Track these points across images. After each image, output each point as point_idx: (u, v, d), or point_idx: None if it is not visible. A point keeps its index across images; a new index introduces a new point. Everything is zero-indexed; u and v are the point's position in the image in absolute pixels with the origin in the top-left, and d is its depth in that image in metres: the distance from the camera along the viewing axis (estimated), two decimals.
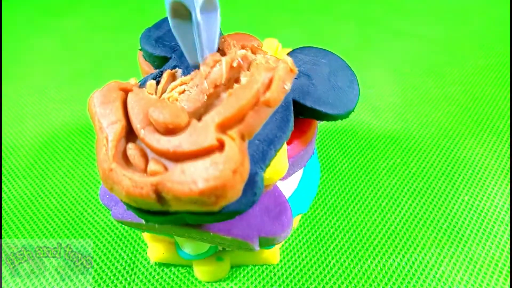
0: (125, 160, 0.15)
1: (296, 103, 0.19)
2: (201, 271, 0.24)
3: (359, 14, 0.61)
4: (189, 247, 0.23)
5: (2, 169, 0.34)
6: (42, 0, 0.70)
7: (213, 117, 0.15)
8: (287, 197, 0.24)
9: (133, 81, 0.19)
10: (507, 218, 0.28)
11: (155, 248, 0.25)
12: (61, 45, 0.56)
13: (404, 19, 0.58)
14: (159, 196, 0.14)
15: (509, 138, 0.35)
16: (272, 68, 0.16)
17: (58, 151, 0.36)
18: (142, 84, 0.19)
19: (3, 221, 0.29)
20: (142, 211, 0.16)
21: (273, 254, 0.25)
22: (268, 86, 0.16)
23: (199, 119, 0.16)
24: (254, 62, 0.17)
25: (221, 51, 0.19)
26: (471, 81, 0.43)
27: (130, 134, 0.16)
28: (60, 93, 0.45)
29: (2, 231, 0.29)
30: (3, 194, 0.32)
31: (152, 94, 0.17)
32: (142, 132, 0.15)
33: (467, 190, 0.30)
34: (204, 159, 0.14)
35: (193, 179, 0.13)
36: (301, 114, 0.20)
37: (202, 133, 0.14)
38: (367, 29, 0.56)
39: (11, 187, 0.32)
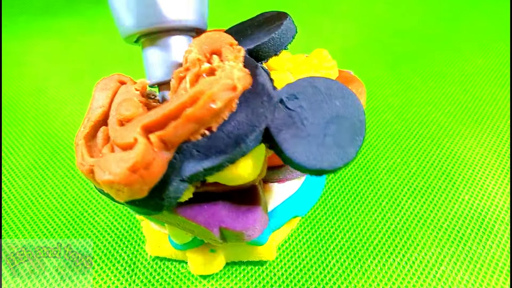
0: (95, 139, 0.18)
1: (268, 133, 0.17)
2: (193, 263, 0.24)
3: (359, 13, 0.61)
4: (175, 237, 0.23)
5: (2, 169, 0.34)
6: (42, 0, 0.70)
7: (143, 118, 0.16)
8: (284, 199, 0.24)
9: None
10: (507, 217, 0.28)
11: (153, 241, 0.25)
12: (61, 45, 0.56)
13: (404, 19, 0.58)
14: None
15: (509, 138, 0.35)
16: (215, 82, 0.15)
17: (58, 151, 0.36)
18: None
19: (3, 221, 0.29)
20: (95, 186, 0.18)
21: (267, 250, 0.25)
22: (196, 100, 0.15)
23: None
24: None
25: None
26: (471, 80, 0.43)
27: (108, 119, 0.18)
28: (60, 93, 0.45)
29: (2, 231, 0.29)
30: (3, 194, 0.32)
31: (137, 90, 0.18)
32: (110, 118, 0.17)
33: (467, 190, 0.30)
34: (121, 153, 0.15)
35: (106, 168, 0.15)
36: (272, 148, 0.17)
37: (130, 130, 0.15)
38: (367, 28, 0.56)
39: (11, 187, 0.32)
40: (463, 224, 0.28)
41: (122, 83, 0.19)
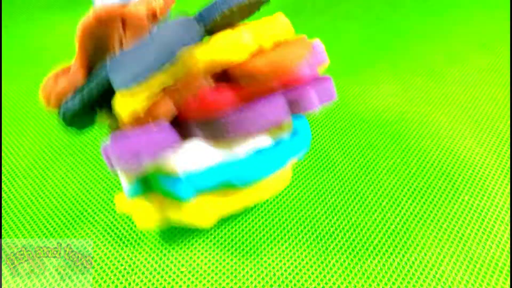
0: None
1: None
2: (134, 217, 0.24)
3: (360, 13, 0.61)
4: (123, 183, 0.25)
5: (2, 169, 0.34)
6: (43, 0, 0.70)
7: None
8: (218, 161, 0.23)
9: None
10: (507, 217, 0.28)
11: (138, 215, 0.25)
12: (62, 45, 0.56)
13: (404, 19, 0.58)
14: None
15: (509, 138, 0.35)
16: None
17: (58, 151, 0.36)
18: None
19: (3, 221, 0.29)
20: None
21: (198, 214, 0.24)
22: None
23: None
24: None
25: None
26: (471, 81, 0.43)
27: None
28: None
29: (2, 231, 0.29)
30: (3, 194, 0.32)
31: None
32: None
33: (467, 190, 0.30)
34: None
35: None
36: None
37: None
38: (368, 28, 0.56)
39: (11, 187, 0.32)
40: (463, 224, 0.28)
41: None
